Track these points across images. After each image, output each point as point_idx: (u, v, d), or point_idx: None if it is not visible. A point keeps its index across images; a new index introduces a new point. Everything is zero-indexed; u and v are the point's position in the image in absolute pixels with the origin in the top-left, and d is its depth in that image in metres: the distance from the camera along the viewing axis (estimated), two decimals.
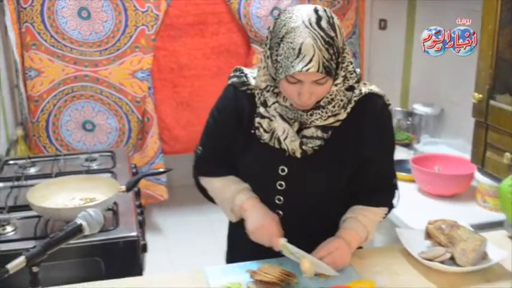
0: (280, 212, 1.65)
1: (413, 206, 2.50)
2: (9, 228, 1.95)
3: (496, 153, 2.18)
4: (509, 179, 1.33)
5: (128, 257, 1.91)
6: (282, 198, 1.64)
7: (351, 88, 1.57)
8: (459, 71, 3.12)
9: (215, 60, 3.99)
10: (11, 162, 2.70)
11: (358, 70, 1.59)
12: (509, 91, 2.20)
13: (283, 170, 1.60)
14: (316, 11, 1.44)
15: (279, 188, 1.62)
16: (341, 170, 1.61)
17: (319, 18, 1.43)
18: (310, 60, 1.39)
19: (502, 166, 2.14)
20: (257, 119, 1.59)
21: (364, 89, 1.59)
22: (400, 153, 2.62)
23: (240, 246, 1.81)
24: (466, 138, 2.92)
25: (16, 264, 1.25)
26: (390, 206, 1.71)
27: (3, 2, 3.37)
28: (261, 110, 1.58)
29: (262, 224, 1.59)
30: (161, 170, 2.51)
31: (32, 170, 2.56)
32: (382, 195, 1.70)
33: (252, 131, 1.60)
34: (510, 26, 2.11)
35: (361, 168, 1.64)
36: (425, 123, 3.30)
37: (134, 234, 1.94)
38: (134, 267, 1.92)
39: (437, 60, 3.33)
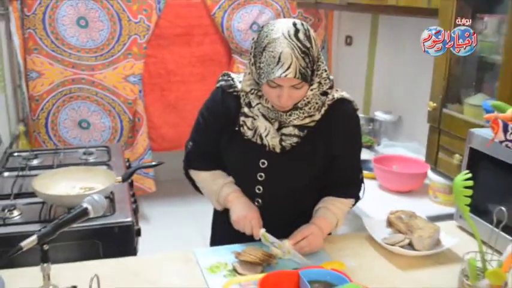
0: (260, 200, 1.67)
1: (374, 200, 2.53)
2: (16, 213, 1.93)
3: (447, 155, 2.24)
4: (462, 174, 1.37)
5: (123, 240, 1.91)
6: (261, 187, 1.66)
7: (324, 93, 1.59)
8: (414, 83, 3.18)
9: (199, 67, 3.99)
10: (16, 154, 2.67)
11: (331, 77, 1.62)
12: (459, 101, 2.26)
13: (263, 163, 1.62)
14: (294, 24, 1.47)
15: (259, 178, 1.64)
16: (314, 165, 1.64)
17: (297, 31, 1.45)
18: (289, 67, 1.41)
19: (452, 166, 2.20)
20: (242, 118, 1.61)
21: (336, 95, 1.62)
22: (363, 154, 2.63)
23: (223, 232, 1.82)
24: (419, 141, 2.99)
25: (29, 242, 1.24)
26: (357, 198, 1.75)
27: (9, 10, 3.33)
28: (246, 110, 1.60)
29: (245, 215, 1.61)
30: (154, 163, 2.50)
31: (35, 162, 2.53)
32: (350, 188, 1.73)
33: (237, 128, 1.62)
34: None
35: (332, 163, 1.66)
36: (385, 128, 3.36)
37: (129, 219, 1.93)
38: (129, 249, 1.91)
39: (396, 74, 3.41)
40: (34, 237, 1.25)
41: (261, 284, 1.32)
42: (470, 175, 1.35)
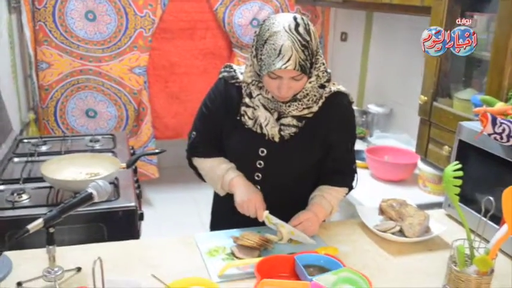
0: (258, 187, 1.64)
1: (367, 188, 2.52)
2: (24, 196, 1.91)
3: (437, 146, 2.22)
4: (452, 165, 1.34)
5: (127, 224, 1.89)
6: (260, 175, 1.63)
7: (322, 86, 1.57)
8: (406, 78, 3.16)
9: (202, 60, 3.96)
10: (25, 141, 2.64)
11: (329, 70, 1.59)
12: (449, 95, 2.24)
13: (262, 152, 1.60)
14: (295, 18, 1.45)
15: (258, 166, 1.62)
16: (311, 154, 1.62)
17: (297, 25, 1.43)
18: (289, 60, 1.39)
19: (441, 157, 2.18)
20: (243, 108, 1.58)
21: (333, 88, 1.60)
22: (356, 145, 2.62)
23: (222, 218, 1.81)
24: (410, 133, 2.96)
25: (35, 225, 1.22)
26: (350, 187, 1.73)
27: (20, 3, 3.28)
28: (247, 100, 1.57)
29: (249, 198, 1.58)
30: (157, 150, 2.47)
31: (44, 148, 2.51)
32: (344, 177, 1.71)
33: (238, 118, 1.60)
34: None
35: (328, 153, 1.64)
36: (377, 120, 3.33)
37: (133, 204, 1.91)
38: (132, 233, 1.89)
39: (389, 68, 3.38)
40: (40, 221, 1.23)
41: (258, 268, 1.31)
42: (460, 166, 1.33)
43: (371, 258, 1.52)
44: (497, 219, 1.38)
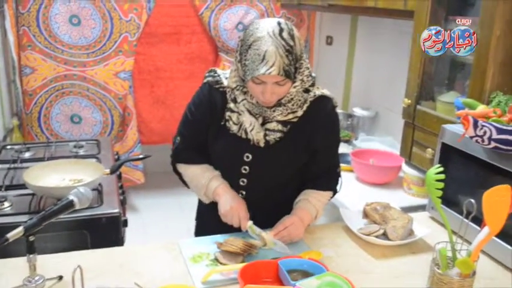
0: (243, 192, 1.64)
1: (352, 191, 2.52)
2: (6, 204, 1.88)
3: (420, 149, 2.23)
4: (434, 168, 1.35)
5: (110, 231, 1.87)
6: (245, 180, 1.63)
7: (307, 90, 1.57)
8: (391, 81, 3.17)
9: (187, 65, 3.94)
10: (8, 147, 2.61)
11: (314, 75, 1.59)
12: (432, 98, 2.25)
13: (247, 157, 1.59)
14: (279, 23, 1.45)
15: (243, 171, 1.62)
16: (296, 158, 1.62)
17: (281, 30, 1.43)
18: (273, 65, 1.39)
19: (425, 159, 2.19)
20: (228, 113, 1.58)
21: (318, 92, 1.60)
22: (341, 148, 2.61)
23: (207, 223, 1.81)
24: (395, 136, 2.98)
25: (15, 234, 1.20)
26: (335, 191, 1.73)
27: (4, 7, 3.25)
28: (232, 105, 1.57)
29: (233, 208, 1.57)
30: (141, 156, 2.46)
31: (27, 154, 2.48)
32: (329, 181, 1.71)
33: (223, 123, 1.59)
34: None
35: (312, 157, 1.65)
36: (362, 123, 3.34)
37: (116, 210, 1.90)
38: (116, 239, 1.88)
39: (374, 72, 3.40)
40: (20, 229, 1.22)
41: (241, 273, 1.30)
42: (442, 169, 1.34)
43: (355, 262, 1.52)
44: (479, 221, 1.38)
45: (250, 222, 1.55)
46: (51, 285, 1.32)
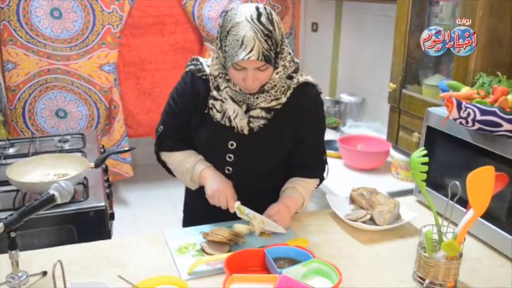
0: (229, 180, 1.63)
1: (340, 178, 2.53)
2: None
3: (407, 133, 2.23)
4: (418, 151, 1.34)
5: (97, 224, 1.84)
6: (230, 168, 1.62)
7: (290, 77, 1.56)
8: (376, 68, 3.17)
9: (172, 55, 3.91)
10: None
11: (297, 60, 1.58)
12: (418, 82, 2.25)
13: (232, 145, 1.58)
14: (257, 8, 1.43)
15: (228, 159, 1.60)
16: (281, 146, 1.61)
17: (259, 15, 1.41)
18: (251, 50, 1.37)
19: (411, 143, 2.19)
20: (211, 101, 1.56)
21: (301, 78, 1.59)
22: (329, 135, 2.63)
23: (194, 213, 1.80)
24: (382, 121, 2.98)
25: None
26: (321, 178, 1.72)
27: None
28: (215, 93, 1.55)
29: (220, 189, 1.56)
30: (126, 148, 2.43)
31: (11, 150, 2.44)
32: (315, 168, 1.70)
33: (206, 111, 1.57)
34: (418, 31, 2.15)
35: (297, 145, 1.63)
36: (350, 109, 3.33)
37: (102, 204, 1.87)
38: (103, 233, 1.85)
39: (359, 58, 3.39)
40: (0, 225, 1.19)
41: (228, 263, 1.29)
42: (425, 152, 1.33)
43: (342, 248, 1.51)
44: (465, 203, 1.38)
45: (238, 203, 1.54)
46: (34, 281, 1.30)
